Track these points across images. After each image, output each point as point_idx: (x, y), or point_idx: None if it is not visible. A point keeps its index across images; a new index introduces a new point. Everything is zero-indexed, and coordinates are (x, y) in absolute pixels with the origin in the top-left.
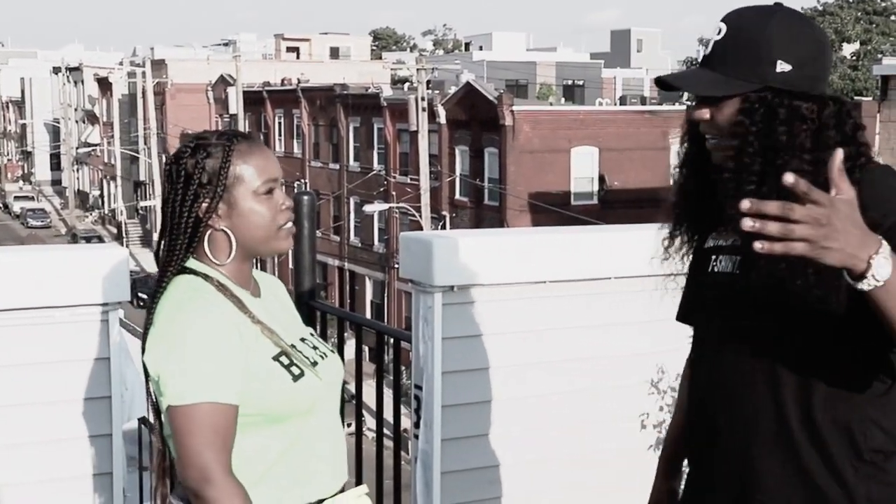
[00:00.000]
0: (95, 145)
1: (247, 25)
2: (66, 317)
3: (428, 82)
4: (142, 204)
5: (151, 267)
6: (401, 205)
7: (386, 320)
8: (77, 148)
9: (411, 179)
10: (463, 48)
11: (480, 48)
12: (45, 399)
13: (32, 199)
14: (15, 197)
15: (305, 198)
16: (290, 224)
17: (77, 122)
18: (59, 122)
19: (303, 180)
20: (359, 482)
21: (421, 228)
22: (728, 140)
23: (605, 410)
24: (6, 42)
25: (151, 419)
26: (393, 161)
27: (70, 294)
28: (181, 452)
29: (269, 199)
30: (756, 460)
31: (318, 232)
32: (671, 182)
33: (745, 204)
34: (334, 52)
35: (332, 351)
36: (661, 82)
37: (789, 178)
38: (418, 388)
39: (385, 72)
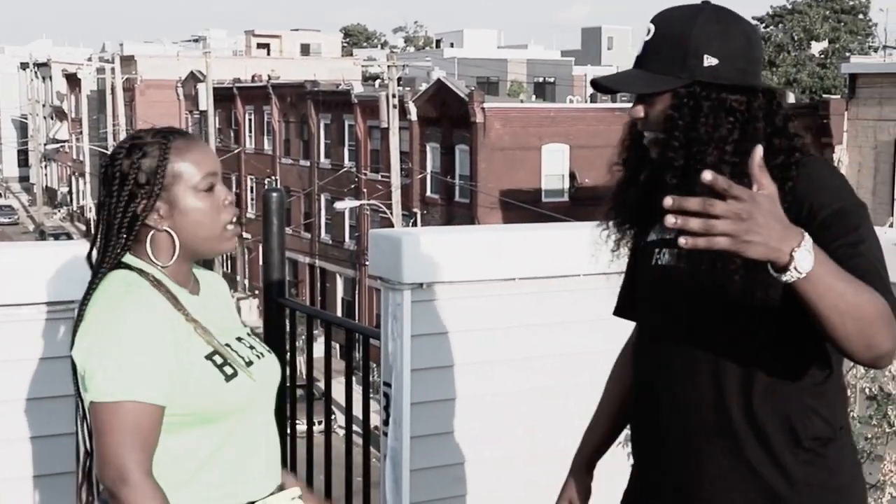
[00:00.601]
0: (64, 142)
1: (217, 21)
2: (33, 314)
3: (399, 79)
4: None
5: None
6: (372, 202)
7: (357, 318)
8: (45, 144)
9: (382, 176)
10: (434, 45)
11: (451, 45)
12: (9, 397)
13: (0, 195)
14: None
15: (274, 194)
16: (234, 224)
17: (45, 118)
18: (26, 118)
19: (273, 177)
20: (328, 480)
21: (392, 225)
22: (661, 134)
23: (570, 407)
24: None
25: (80, 417)
26: (364, 158)
27: (36, 291)
28: (100, 450)
29: (209, 195)
30: (699, 450)
31: (288, 229)
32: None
33: (668, 201)
34: (305, 49)
35: (269, 351)
36: (596, 85)
37: (707, 175)
38: (387, 385)
39: (356, 69)
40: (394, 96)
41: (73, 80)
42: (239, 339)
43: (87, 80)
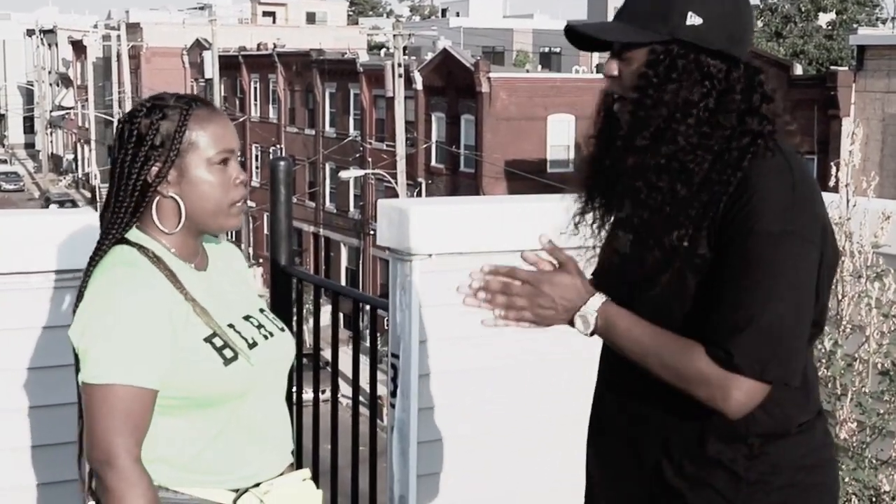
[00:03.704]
0: (69, 108)
1: None
2: (42, 282)
3: (404, 48)
4: None
5: None
6: (377, 171)
7: (361, 287)
8: (51, 111)
9: (387, 146)
10: (440, 14)
11: (457, 14)
12: (18, 366)
13: (5, 162)
14: None
15: (281, 163)
16: (242, 202)
17: (51, 85)
18: (32, 85)
19: (278, 146)
20: (334, 450)
21: (397, 195)
22: (633, 94)
23: (581, 376)
24: None
25: (77, 392)
26: (369, 127)
27: (46, 259)
28: (90, 432)
29: (222, 170)
30: (641, 442)
31: (293, 198)
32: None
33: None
34: (311, 18)
35: (282, 329)
36: (569, 31)
37: (544, 239)
38: (395, 356)
39: (361, 37)
40: (399, 65)
41: (78, 48)
42: (248, 317)
43: (93, 48)
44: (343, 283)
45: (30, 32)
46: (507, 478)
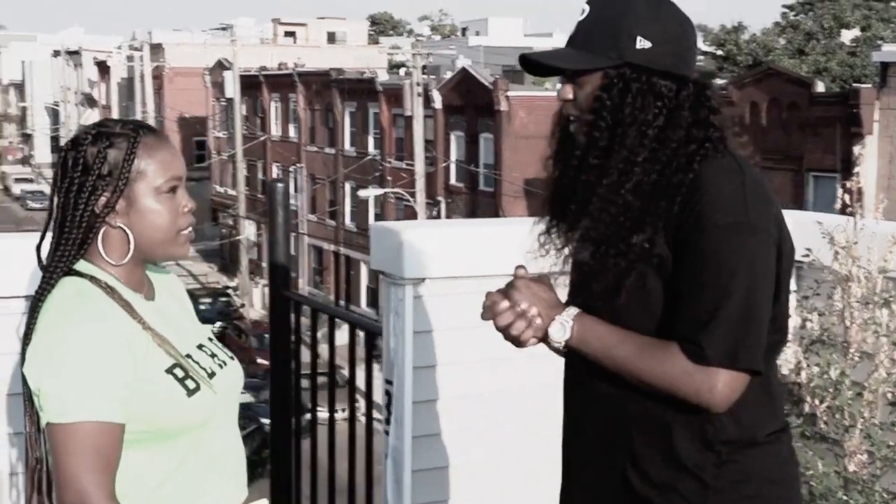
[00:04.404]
0: None
1: (245, 9)
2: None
3: (424, 67)
4: None
5: None
6: (396, 190)
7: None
8: (76, 131)
9: (407, 164)
10: (460, 33)
11: (477, 33)
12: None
13: (32, 181)
14: (15, 179)
15: (279, 185)
16: (189, 229)
17: (76, 105)
18: (58, 105)
19: (298, 165)
20: (332, 473)
21: (416, 214)
22: (588, 116)
23: None
24: (7, 25)
25: (27, 428)
26: (388, 146)
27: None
28: (59, 474)
29: (170, 198)
30: (609, 449)
31: (313, 216)
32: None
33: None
34: (331, 37)
35: (231, 357)
36: (525, 61)
37: (521, 271)
38: (389, 382)
39: (382, 57)
40: (418, 84)
41: (103, 68)
42: (200, 346)
43: (117, 68)
44: (363, 302)
45: (55, 53)
46: None
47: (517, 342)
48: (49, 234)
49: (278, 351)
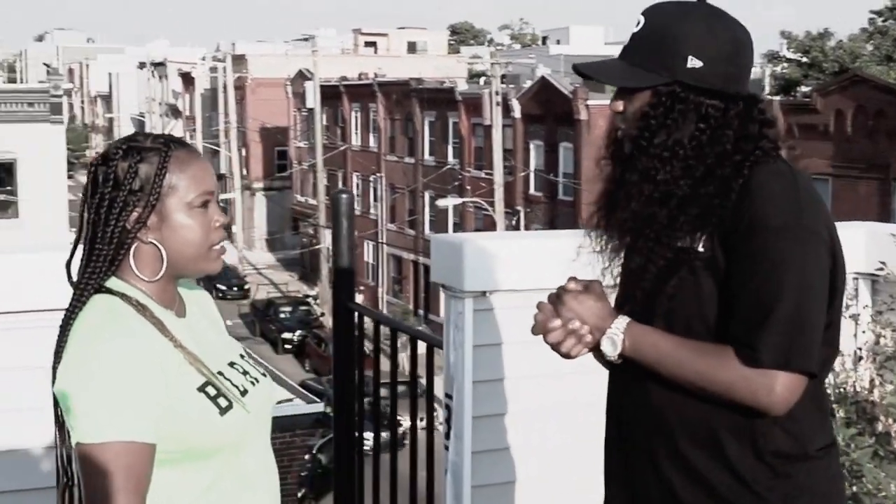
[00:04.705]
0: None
1: (327, 20)
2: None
3: (503, 76)
4: (222, 197)
5: (229, 258)
6: (475, 199)
7: None
8: None
9: (485, 174)
10: (540, 42)
11: (558, 42)
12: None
13: None
14: None
15: (343, 196)
16: (221, 244)
17: (161, 116)
18: (144, 117)
19: (378, 174)
20: (393, 495)
21: (495, 223)
22: (634, 131)
23: None
24: (96, 38)
25: (57, 447)
26: (467, 155)
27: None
28: (89, 495)
29: (202, 213)
30: (659, 463)
31: (392, 226)
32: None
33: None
34: (411, 47)
35: (263, 374)
36: (577, 71)
37: (570, 284)
38: (449, 397)
39: (461, 66)
40: (497, 94)
41: (187, 79)
42: (232, 363)
43: (201, 79)
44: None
45: (141, 65)
46: None
47: (567, 356)
48: (79, 251)
49: (341, 363)
